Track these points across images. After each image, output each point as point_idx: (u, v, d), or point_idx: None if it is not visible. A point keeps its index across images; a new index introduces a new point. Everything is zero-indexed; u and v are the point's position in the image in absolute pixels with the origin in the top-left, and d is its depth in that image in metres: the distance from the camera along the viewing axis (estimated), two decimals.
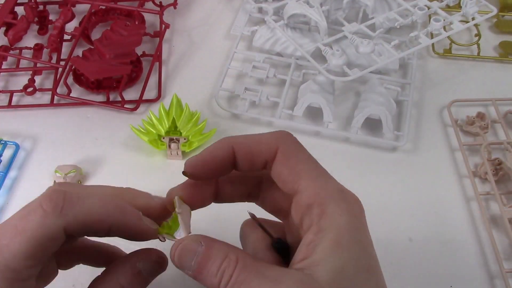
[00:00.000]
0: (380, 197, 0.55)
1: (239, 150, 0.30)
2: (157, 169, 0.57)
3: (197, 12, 0.75)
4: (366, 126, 0.59)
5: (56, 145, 0.59)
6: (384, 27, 0.65)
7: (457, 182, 0.56)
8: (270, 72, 0.63)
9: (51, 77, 0.65)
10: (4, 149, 0.57)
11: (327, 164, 0.57)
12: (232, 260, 0.27)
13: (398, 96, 0.62)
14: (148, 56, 0.67)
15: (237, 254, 0.27)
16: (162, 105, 0.57)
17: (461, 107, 0.63)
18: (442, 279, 0.49)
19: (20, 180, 0.56)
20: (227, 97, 0.63)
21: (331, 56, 0.58)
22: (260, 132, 0.60)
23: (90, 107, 0.62)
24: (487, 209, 0.54)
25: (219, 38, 0.71)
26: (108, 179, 0.56)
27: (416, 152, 0.59)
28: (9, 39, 0.68)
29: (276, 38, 0.66)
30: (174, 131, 0.57)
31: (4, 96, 0.63)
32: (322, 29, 0.63)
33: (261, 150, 0.30)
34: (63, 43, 0.69)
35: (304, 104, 0.58)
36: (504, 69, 0.68)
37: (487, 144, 0.57)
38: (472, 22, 0.63)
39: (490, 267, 0.50)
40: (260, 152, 0.30)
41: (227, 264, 0.27)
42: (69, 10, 0.70)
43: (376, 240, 0.48)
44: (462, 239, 0.52)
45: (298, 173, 0.29)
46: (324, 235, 0.27)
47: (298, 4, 0.64)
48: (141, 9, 0.69)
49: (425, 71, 0.67)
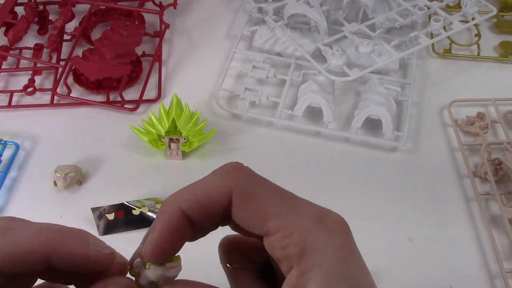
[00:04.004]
0: (380, 197, 0.55)
1: (191, 213, 0.25)
2: (157, 169, 0.57)
3: (197, 12, 0.75)
4: (366, 126, 0.59)
5: (56, 145, 0.59)
6: (384, 27, 0.65)
7: (457, 182, 0.56)
8: (270, 72, 0.63)
9: (51, 77, 0.65)
10: (4, 149, 0.57)
11: (327, 164, 0.58)
12: None
13: (398, 96, 0.62)
14: (148, 56, 0.67)
15: None
16: (162, 105, 0.57)
17: (461, 107, 0.63)
18: (442, 279, 0.49)
19: (20, 180, 0.56)
20: (227, 97, 0.63)
21: (331, 56, 0.58)
22: (260, 131, 0.60)
23: (90, 107, 0.62)
24: (487, 209, 0.54)
25: (219, 38, 0.71)
26: (108, 179, 0.56)
27: (416, 152, 0.59)
28: (9, 39, 0.68)
29: (276, 38, 0.66)
30: (174, 131, 0.57)
31: (4, 96, 0.63)
32: (322, 29, 0.63)
33: (212, 202, 0.25)
34: (63, 43, 0.69)
35: (304, 104, 0.58)
36: (504, 69, 0.68)
37: (487, 144, 0.57)
38: (472, 22, 0.63)
39: (490, 267, 0.50)
40: (213, 205, 0.25)
41: None
42: (69, 10, 0.70)
43: (376, 241, 0.48)
44: (462, 239, 0.52)
45: (263, 214, 0.24)
46: (308, 278, 0.23)
47: (298, 4, 0.64)
48: (141, 9, 0.69)
49: (425, 71, 0.67)
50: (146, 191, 0.55)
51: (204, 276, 0.29)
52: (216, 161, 0.57)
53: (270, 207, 0.25)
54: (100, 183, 0.56)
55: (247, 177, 0.26)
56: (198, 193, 0.25)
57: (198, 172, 0.29)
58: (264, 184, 0.25)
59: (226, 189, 0.25)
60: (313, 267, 0.23)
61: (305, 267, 0.23)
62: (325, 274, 0.23)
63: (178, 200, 0.25)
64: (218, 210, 0.25)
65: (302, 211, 0.25)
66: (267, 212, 0.24)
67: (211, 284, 0.26)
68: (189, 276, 0.27)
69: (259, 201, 0.25)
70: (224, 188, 0.25)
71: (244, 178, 0.25)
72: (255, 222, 0.25)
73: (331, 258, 0.23)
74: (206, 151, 0.58)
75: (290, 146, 0.59)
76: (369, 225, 0.53)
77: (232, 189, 0.25)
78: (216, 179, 0.26)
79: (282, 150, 0.59)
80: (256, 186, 0.25)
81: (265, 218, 0.24)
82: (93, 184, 0.56)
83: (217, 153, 0.58)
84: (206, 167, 0.59)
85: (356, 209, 0.54)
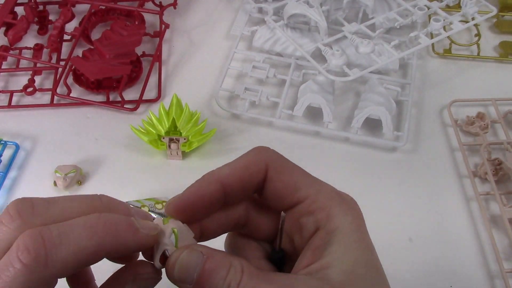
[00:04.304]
0: (380, 197, 0.55)
1: (229, 184, 0.28)
2: (157, 169, 0.57)
3: (197, 12, 0.75)
4: (366, 126, 0.59)
5: (56, 145, 0.59)
6: (384, 27, 0.65)
7: (457, 182, 0.56)
8: (270, 72, 0.63)
9: (51, 77, 0.65)
10: (4, 149, 0.57)
11: (327, 164, 0.58)
12: (237, 269, 0.26)
13: (398, 96, 0.62)
14: (148, 56, 0.67)
15: (241, 263, 0.26)
16: (162, 105, 0.57)
17: (461, 107, 0.63)
18: (442, 279, 0.49)
19: (20, 180, 0.56)
20: (227, 97, 0.63)
21: (331, 56, 0.58)
22: (260, 131, 0.60)
23: (90, 107, 0.62)
24: (487, 209, 0.54)
25: (219, 38, 0.71)
26: (108, 179, 0.56)
27: (416, 152, 0.59)
28: (9, 39, 0.68)
29: (276, 38, 0.66)
30: (174, 131, 0.57)
31: (4, 96, 0.63)
32: (322, 29, 0.63)
33: (251, 174, 0.29)
34: (63, 43, 0.69)
35: (304, 104, 0.58)
36: (504, 69, 0.68)
37: (487, 144, 0.57)
38: (472, 22, 0.63)
39: (490, 267, 0.50)
40: (251, 177, 0.29)
41: (233, 274, 0.26)
42: (69, 10, 0.70)
43: (376, 240, 0.48)
44: (462, 239, 0.52)
45: (294, 185, 0.29)
46: (332, 238, 0.27)
47: (298, 4, 0.64)
48: (141, 9, 0.69)
49: (425, 71, 0.67)
50: (146, 191, 0.55)
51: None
52: (216, 161, 0.57)
53: (300, 180, 0.29)
54: (100, 183, 0.56)
55: (279, 156, 0.30)
56: (238, 166, 0.29)
57: (198, 172, 0.30)
58: (290, 162, 0.30)
59: (263, 162, 0.29)
60: (336, 228, 0.27)
61: (330, 228, 0.27)
62: (346, 235, 0.27)
63: (219, 175, 0.29)
64: (253, 182, 0.29)
65: (325, 186, 0.29)
66: (297, 183, 0.28)
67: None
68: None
69: (291, 174, 0.29)
70: (261, 162, 0.29)
71: (276, 156, 0.30)
72: (287, 192, 0.29)
73: (351, 224, 0.27)
74: (206, 151, 0.58)
75: (290, 146, 0.59)
76: (369, 225, 0.52)
77: (268, 162, 0.29)
78: (252, 155, 0.29)
79: (282, 150, 0.58)
80: (286, 163, 0.29)
81: (296, 188, 0.28)
82: (93, 184, 0.56)
83: (217, 153, 0.58)
84: (206, 167, 0.59)
85: None
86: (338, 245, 0.26)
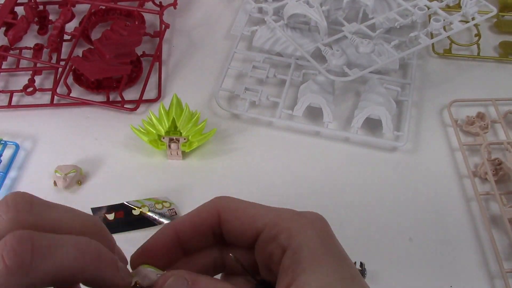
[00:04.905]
0: (380, 197, 0.55)
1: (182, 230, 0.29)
2: (157, 169, 0.57)
3: (197, 12, 0.75)
4: (366, 126, 0.59)
5: (56, 145, 0.59)
6: (384, 27, 0.65)
7: (457, 182, 0.56)
8: (270, 72, 0.63)
9: (51, 77, 0.65)
10: (4, 149, 0.57)
11: (327, 164, 0.58)
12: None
13: (398, 96, 0.62)
14: (148, 56, 0.67)
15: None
16: (162, 105, 0.57)
17: (461, 107, 0.63)
18: (442, 279, 0.49)
19: (20, 180, 0.56)
20: (227, 97, 0.63)
21: (331, 56, 0.58)
22: (260, 131, 0.60)
23: (90, 107, 0.62)
24: (487, 209, 0.54)
25: (219, 38, 0.71)
26: (108, 179, 0.56)
27: (416, 152, 0.59)
28: (9, 39, 0.68)
29: (276, 38, 0.66)
30: (174, 131, 0.57)
31: (4, 96, 0.63)
32: (322, 29, 0.63)
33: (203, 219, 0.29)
34: (63, 43, 0.69)
35: (304, 104, 0.58)
36: (504, 69, 0.68)
37: (487, 144, 0.57)
38: (472, 22, 0.63)
39: (490, 267, 0.50)
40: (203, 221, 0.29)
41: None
42: (69, 10, 0.70)
43: (376, 240, 0.48)
44: (462, 239, 0.52)
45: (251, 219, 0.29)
46: (299, 255, 0.26)
47: (298, 4, 0.64)
48: (141, 9, 0.69)
49: (425, 71, 0.67)
50: (146, 191, 0.55)
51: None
52: (216, 161, 0.57)
53: (255, 212, 0.29)
54: (100, 183, 0.56)
55: (232, 198, 0.30)
56: (190, 214, 0.30)
57: (198, 172, 0.30)
58: (247, 201, 0.30)
59: (214, 208, 0.29)
60: (300, 244, 0.26)
61: (295, 246, 0.27)
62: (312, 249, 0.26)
63: (173, 222, 0.30)
64: (207, 226, 0.29)
65: (282, 210, 0.29)
66: (254, 216, 0.29)
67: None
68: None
69: (245, 210, 0.29)
70: (212, 208, 0.30)
71: (229, 199, 0.30)
72: (246, 227, 0.29)
73: (315, 237, 0.27)
74: (206, 151, 0.58)
75: (290, 146, 0.59)
76: (369, 224, 0.53)
77: (220, 206, 0.29)
78: (206, 204, 0.30)
79: (282, 150, 0.59)
80: (241, 202, 0.30)
81: (253, 220, 0.28)
82: (93, 184, 0.56)
83: (217, 153, 0.58)
84: (206, 167, 0.59)
85: (356, 208, 0.54)
86: (307, 262, 0.26)
